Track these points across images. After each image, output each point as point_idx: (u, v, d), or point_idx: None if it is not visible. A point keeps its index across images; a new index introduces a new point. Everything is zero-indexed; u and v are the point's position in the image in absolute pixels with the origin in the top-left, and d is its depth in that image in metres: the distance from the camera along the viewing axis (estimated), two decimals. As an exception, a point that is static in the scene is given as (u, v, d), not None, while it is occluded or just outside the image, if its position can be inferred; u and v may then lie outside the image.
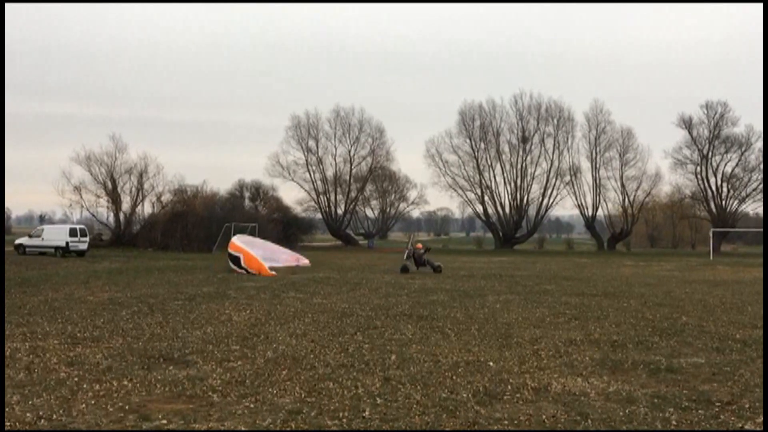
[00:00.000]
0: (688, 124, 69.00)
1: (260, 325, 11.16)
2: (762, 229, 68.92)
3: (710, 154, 68.54)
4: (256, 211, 62.80)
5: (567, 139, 70.43)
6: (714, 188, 69.19)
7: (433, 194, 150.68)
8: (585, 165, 70.63)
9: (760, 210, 72.88)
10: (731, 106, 68.07)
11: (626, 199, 70.20)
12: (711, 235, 54.02)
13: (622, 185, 69.86)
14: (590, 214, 71.15)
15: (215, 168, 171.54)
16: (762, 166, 66.80)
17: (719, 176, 68.91)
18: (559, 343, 9.67)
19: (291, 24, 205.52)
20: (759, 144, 67.15)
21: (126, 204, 60.13)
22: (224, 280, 21.22)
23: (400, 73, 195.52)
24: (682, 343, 9.76)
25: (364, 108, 75.85)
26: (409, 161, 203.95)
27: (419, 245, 27.27)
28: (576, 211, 72.78)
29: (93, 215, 61.25)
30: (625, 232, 71.51)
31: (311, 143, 71.36)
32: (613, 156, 69.98)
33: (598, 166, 70.02)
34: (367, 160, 72.81)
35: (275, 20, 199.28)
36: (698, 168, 69.21)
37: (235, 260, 24.98)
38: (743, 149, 67.72)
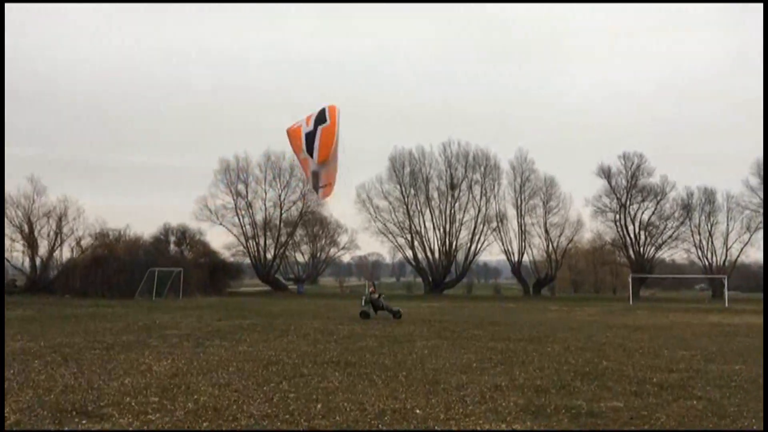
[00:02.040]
0: (606, 173, 72.19)
1: (181, 375, 10.80)
2: (677, 275, 72.17)
3: (628, 202, 71.68)
4: (181, 255, 61.14)
5: (494, 186, 72.41)
6: (632, 235, 72.19)
7: (364, 239, 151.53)
8: (511, 212, 72.65)
9: (676, 257, 76.56)
10: (647, 157, 71.77)
11: (550, 245, 72.36)
12: (630, 280, 56.03)
13: (546, 232, 72.08)
14: (516, 259, 72.94)
15: (140, 212, 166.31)
16: (676, 214, 70.51)
17: (637, 224, 72.05)
18: (485, 388, 9.76)
19: (219, 65, 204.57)
20: (673, 194, 71.02)
21: (43, 248, 57.76)
22: (146, 327, 20.49)
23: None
24: (602, 387, 10.01)
25: (295, 153, 75.79)
26: (340, 206, 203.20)
27: (372, 288, 27.05)
28: (503, 257, 74.44)
29: (7, 260, 58.49)
30: (549, 278, 73.53)
31: (240, 187, 70.50)
32: (537, 203, 72.33)
33: (523, 213, 72.07)
34: (297, 204, 72.47)
35: (203, 61, 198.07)
36: (617, 216, 72.18)
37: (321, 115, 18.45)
38: (659, 198, 71.23)
